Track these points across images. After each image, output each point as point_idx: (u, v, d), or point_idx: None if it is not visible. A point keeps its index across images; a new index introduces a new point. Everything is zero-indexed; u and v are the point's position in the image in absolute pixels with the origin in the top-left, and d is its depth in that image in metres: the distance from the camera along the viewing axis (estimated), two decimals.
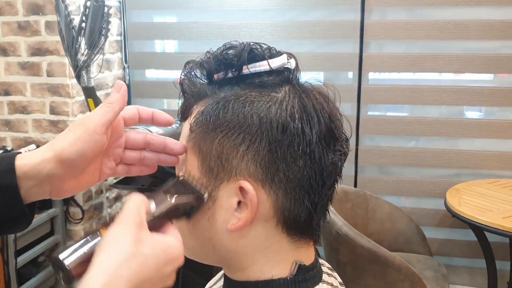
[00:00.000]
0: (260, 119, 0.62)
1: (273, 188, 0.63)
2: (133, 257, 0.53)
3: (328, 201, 0.68)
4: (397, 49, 2.84)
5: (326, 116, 0.64)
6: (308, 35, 2.92)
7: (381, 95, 2.88)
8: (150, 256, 0.55)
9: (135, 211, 0.57)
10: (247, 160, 0.62)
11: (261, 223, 0.65)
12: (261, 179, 0.63)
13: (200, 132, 0.65)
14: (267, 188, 0.63)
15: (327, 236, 2.26)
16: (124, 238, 0.54)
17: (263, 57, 0.66)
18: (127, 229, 0.55)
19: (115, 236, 0.55)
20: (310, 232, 0.68)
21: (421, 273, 2.36)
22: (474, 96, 2.78)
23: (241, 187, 0.62)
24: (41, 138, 2.76)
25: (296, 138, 0.62)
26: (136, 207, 0.57)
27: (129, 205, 0.57)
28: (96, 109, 0.65)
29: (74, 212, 2.82)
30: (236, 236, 0.65)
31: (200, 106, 0.67)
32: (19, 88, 2.74)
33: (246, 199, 0.63)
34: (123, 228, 0.55)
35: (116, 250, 0.53)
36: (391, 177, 2.96)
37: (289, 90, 0.65)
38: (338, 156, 0.66)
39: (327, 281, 0.73)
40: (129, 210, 0.57)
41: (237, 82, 0.66)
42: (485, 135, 2.80)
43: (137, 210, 0.57)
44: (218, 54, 0.67)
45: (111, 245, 0.54)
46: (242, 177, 0.63)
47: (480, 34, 2.69)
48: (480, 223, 2.23)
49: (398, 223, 2.70)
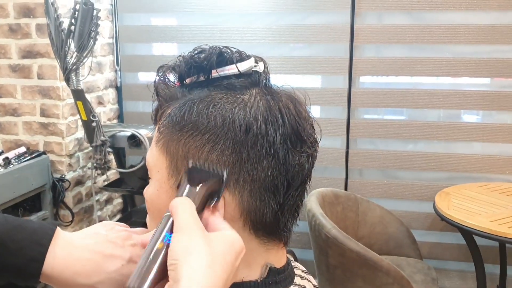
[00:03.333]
0: (223, 119, 0.63)
1: (237, 188, 0.63)
2: (214, 261, 0.53)
3: (296, 203, 0.68)
4: (388, 53, 2.85)
5: (292, 117, 0.65)
6: (299, 38, 2.93)
7: (371, 99, 2.88)
8: (226, 256, 0.55)
9: (192, 217, 0.56)
10: (211, 161, 0.63)
11: (228, 224, 0.65)
12: (226, 178, 0.63)
13: (168, 134, 0.66)
14: (231, 188, 0.63)
15: (316, 240, 2.26)
16: (197, 245, 0.53)
17: (232, 60, 0.66)
18: (195, 236, 0.54)
19: (189, 245, 0.54)
20: (278, 234, 0.68)
21: (411, 276, 2.37)
22: (469, 100, 2.79)
23: None
24: (31, 140, 2.75)
25: (260, 139, 0.63)
26: (190, 211, 0.57)
27: (182, 210, 0.57)
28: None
29: (64, 215, 2.82)
30: None
31: (169, 109, 0.68)
32: (9, 91, 2.74)
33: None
34: (192, 235, 0.54)
35: (198, 258, 0.52)
36: (382, 180, 2.97)
37: (256, 93, 0.66)
38: (305, 158, 0.66)
39: (299, 284, 0.73)
40: (185, 215, 0.56)
41: (207, 84, 0.67)
42: (478, 139, 2.81)
43: (193, 214, 0.57)
44: (189, 58, 0.68)
45: (190, 255, 0.53)
46: None
47: (470, 38, 2.70)
48: (469, 227, 2.23)
49: (389, 226, 2.71)
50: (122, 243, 0.65)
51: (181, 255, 0.53)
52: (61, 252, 0.63)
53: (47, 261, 0.62)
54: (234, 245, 0.57)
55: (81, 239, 0.66)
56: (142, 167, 2.61)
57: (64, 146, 2.73)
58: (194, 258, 0.52)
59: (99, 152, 2.54)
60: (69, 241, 0.65)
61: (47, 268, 0.62)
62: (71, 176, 2.81)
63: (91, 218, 3.00)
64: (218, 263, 0.54)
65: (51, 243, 0.63)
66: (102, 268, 0.63)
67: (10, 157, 2.52)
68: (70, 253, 0.64)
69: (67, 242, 0.64)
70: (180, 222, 0.56)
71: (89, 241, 0.65)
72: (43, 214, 2.68)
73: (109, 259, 0.64)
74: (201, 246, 0.54)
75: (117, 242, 0.65)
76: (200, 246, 0.54)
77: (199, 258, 0.53)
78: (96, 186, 2.92)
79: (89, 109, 2.45)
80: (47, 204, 2.70)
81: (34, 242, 0.62)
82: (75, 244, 0.65)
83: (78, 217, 2.87)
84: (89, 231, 0.68)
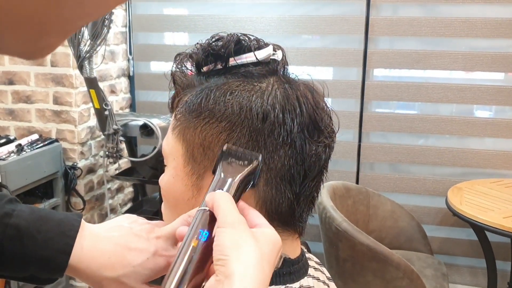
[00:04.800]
0: (240, 107, 0.62)
1: None
2: (262, 259, 0.52)
3: (312, 194, 0.68)
4: (402, 46, 2.82)
5: (310, 107, 0.64)
6: (313, 30, 2.91)
7: (385, 92, 2.86)
8: (270, 254, 0.54)
9: (236, 211, 0.55)
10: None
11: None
12: None
13: (184, 121, 0.66)
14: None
15: (327, 232, 2.25)
16: (247, 241, 0.52)
17: (250, 48, 0.66)
18: (243, 232, 0.53)
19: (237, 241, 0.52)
20: (293, 224, 0.68)
21: (421, 271, 2.35)
22: (484, 95, 2.75)
23: None
24: (44, 128, 2.77)
25: (277, 127, 0.62)
26: (233, 206, 0.56)
27: (226, 205, 0.55)
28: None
29: (76, 202, 2.83)
30: None
31: (186, 96, 0.67)
32: (23, 78, 2.75)
33: None
34: (238, 231, 0.53)
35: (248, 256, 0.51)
36: (394, 174, 2.95)
37: (274, 81, 0.65)
38: (322, 148, 0.66)
39: (313, 275, 0.73)
40: (231, 210, 0.55)
41: (224, 72, 0.67)
42: (492, 134, 2.78)
43: (235, 208, 0.56)
44: (206, 45, 0.68)
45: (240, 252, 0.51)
46: None
47: (487, 32, 2.67)
48: (481, 223, 2.22)
49: (400, 220, 2.69)
50: (147, 236, 0.64)
51: (231, 251, 0.51)
52: (88, 244, 0.62)
53: (74, 252, 0.61)
54: (276, 244, 0.56)
55: (106, 231, 0.65)
56: (154, 157, 2.62)
57: (77, 134, 2.74)
58: (246, 254, 0.51)
59: (111, 141, 2.54)
60: (95, 233, 0.64)
61: (74, 260, 0.61)
62: (83, 164, 2.82)
63: (103, 206, 3.02)
64: (266, 261, 0.53)
65: (77, 234, 0.62)
66: (127, 261, 0.62)
67: (23, 144, 2.54)
68: (95, 245, 0.63)
69: (93, 234, 0.64)
70: (226, 217, 0.54)
71: (114, 234, 0.65)
72: (55, 201, 2.70)
73: (134, 252, 0.63)
74: (251, 242, 0.52)
75: (142, 235, 0.64)
76: (250, 242, 0.52)
77: (251, 254, 0.51)
78: (108, 174, 2.93)
79: (102, 98, 2.45)
80: (59, 192, 2.71)
81: (61, 233, 0.62)
82: (100, 236, 0.64)
83: (90, 205, 2.89)
84: (112, 224, 0.67)
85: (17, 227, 0.61)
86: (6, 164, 2.32)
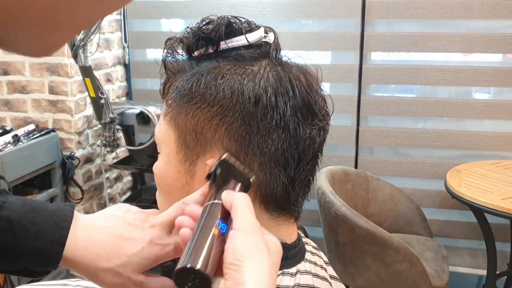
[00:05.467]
0: (232, 91, 0.61)
1: (247, 162, 0.62)
2: (272, 268, 0.52)
3: (307, 178, 0.67)
4: (400, 29, 2.80)
5: (303, 89, 0.63)
6: (310, 14, 2.88)
7: (383, 76, 2.84)
8: (278, 263, 0.53)
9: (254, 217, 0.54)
10: (220, 133, 0.62)
11: None
12: (235, 152, 0.62)
13: (176, 107, 0.65)
14: (241, 161, 0.62)
15: (326, 217, 2.25)
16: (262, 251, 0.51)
17: (241, 31, 0.64)
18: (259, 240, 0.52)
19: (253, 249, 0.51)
20: (288, 209, 0.67)
21: (421, 254, 2.36)
22: (482, 76, 2.73)
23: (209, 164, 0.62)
24: (40, 118, 2.75)
25: (269, 111, 0.61)
26: (252, 211, 0.55)
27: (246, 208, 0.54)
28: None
29: (74, 192, 2.83)
30: None
31: (177, 82, 0.66)
32: (18, 68, 2.73)
33: None
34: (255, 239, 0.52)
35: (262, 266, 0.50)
36: (392, 158, 2.94)
37: (266, 64, 0.64)
38: (316, 131, 0.65)
39: (310, 260, 0.72)
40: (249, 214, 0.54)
41: (216, 56, 0.66)
42: (491, 116, 2.77)
43: (254, 214, 0.55)
44: (197, 29, 0.67)
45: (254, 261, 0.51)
46: (216, 150, 0.62)
47: (484, 13, 2.64)
48: (480, 204, 2.21)
49: (399, 204, 2.69)
50: (142, 225, 0.63)
51: (247, 258, 0.50)
52: (82, 235, 0.62)
53: (69, 244, 0.60)
54: (281, 253, 0.55)
55: (100, 221, 0.64)
56: (151, 145, 2.61)
57: (73, 124, 2.73)
58: (261, 264, 0.50)
59: (108, 130, 2.53)
60: (89, 224, 0.63)
61: (68, 251, 0.60)
62: (81, 153, 2.81)
63: (101, 195, 3.01)
64: (275, 271, 0.52)
65: (71, 225, 0.61)
66: (122, 251, 0.61)
67: (19, 135, 2.52)
68: (90, 236, 0.62)
69: (87, 224, 0.63)
70: (244, 220, 0.53)
71: (108, 223, 0.64)
72: (53, 191, 2.69)
73: (129, 242, 0.62)
74: (266, 252, 0.52)
75: (137, 224, 0.63)
76: (264, 252, 0.51)
77: (264, 264, 0.51)
78: (106, 163, 2.92)
79: (97, 86, 2.43)
80: (57, 182, 2.71)
81: (54, 224, 0.61)
82: (94, 226, 0.63)
83: (88, 194, 2.88)
84: (106, 213, 0.66)
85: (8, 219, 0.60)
86: (3, 155, 2.31)
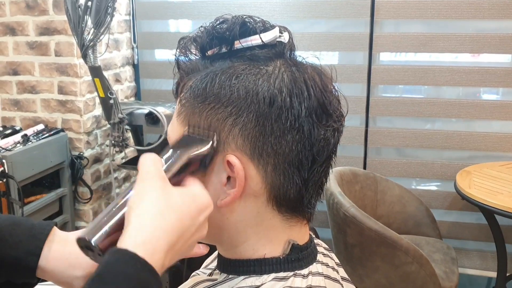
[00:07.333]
0: (247, 91, 0.61)
1: (261, 163, 0.62)
2: (167, 209, 0.53)
3: (320, 179, 0.66)
4: (409, 29, 2.78)
5: (318, 90, 0.63)
6: (318, 14, 2.87)
7: (392, 76, 2.83)
8: (182, 206, 0.55)
9: (154, 167, 0.56)
10: (234, 134, 0.61)
11: (251, 199, 0.63)
12: (249, 153, 0.61)
13: (189, 106, 0.65)
14: (255, 162, 0.62)
15: (334, 218, 2.24)
16: (153, 192, 0.53)
17: (255, 30, 0.64)
18: (153, 184, 0.54)
19: (143, 192, 0.54)
20: (301, 210, 0.67)
21: (430, 256, 2.34)
22: (491, 77, 2.72)
23: (228, 161, 0.61)
24: (49, 118, 2.76)
25: (284, 112, 0.61)
26: (153, 163, 0.57)
27: (145, 163, 0.57)
28: None
29: (83, 192, 2.83)
30: (226, 212, 0.64)
31: (191, 81, 0.66)
32: (27, 68, 2.74)
33: (234, 173, 0.61)
34: (148, 184, 0.54)
35: (148, 205, 0.52)
36: (401, 159, 2.93)
37: (281, 64, 0.64)
38: (330, 132, 0.64)
39: (322, 261, 0.72)
40: (147, 166, 0.56)
41: (229, 56, 0.65)
42: (500, 117, 2.75)
43: (155, 166, 0.57)
44: (211, 28, 0.66)
45: (142, 202, 0.53)
46: (230, 151, 0.62)
47: (495, 13, 2.63)
48: (490, 206, 2.20)
49: (408, 205, 2.68)
50: None
51: (134, 202, 0.53)
52: (56, 246, 0.65)
53: (43, 254, 0.64)
54: (196, 199, 0.57)
55: (74, 234, 0.66)
56: (160, 145, 2.61)
57: (82, 124, 2.73)
58: (145, 204, 0.52)
59: (117, 130, 2.53)
60: (64, 237, 0.66)
61: (43, 261, 0.63)
62: (89, 153, 2.82)
63: (110, 195, 3.02)
64: (172, 212, 0.53)
65: (47, 238, 0.65)
66: None
67: (28, 134, 2.53)
68: (63, 247, 0.65)
69: (62, 237, 0.66)
70: (141, 173, 0.56)
71: None
72: (62, 191, 2.70)
73: None
74: (154, 194, 0.53)
75: None
76: (153, 193, 0.53)
77: (150, 204, 0.52)
78: (114, 163, 2.93)
79: (107, 86, 2.44)
80: (66, 181, 2.72)
81: (31, 236, 0.64)
82: (69, 238, 0.66)
83: (97, 194, 2.89)
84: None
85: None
86: (12, 155, 2.32)
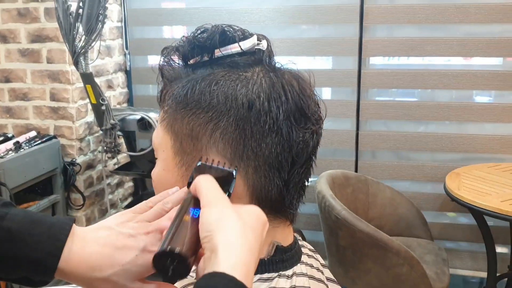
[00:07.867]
0: (226, 97, 0.63)
1: (242, 166, 0.64)
2: (245, 229, 0.54)
3: (301, 180, 0.68)
4: (398, 33, 2.81)
5: (296, 94, 0.65)
6: (309, 20, 2.90)
7: (382, 80, 2.86)
8: (253, 223, 0.56)
9: (218, 190, 0.58)
10: (215, 138, 0.64)
11: (235, 201, 0.65)
12: (230, 156, 0.64)
13: (172, 113, 0.67)
14: (236, 165, 0.64)
15: (326, 221, 2.26)
16: (229, 215, 0.54)
17: (234, 39, 0.67)
18: (225, 207, 0.56)
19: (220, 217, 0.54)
20: (284, 211, 0.69)
21: (422, 257, 2.36)
22: (482, 80, 2.74)
23: None
24: (42, 124, 2.77)
25: (263, 115, 0.63)
26: (215, 186, 0.58)
27: (207, 186, 0.58)
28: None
29: (75, 199, 2.84)
30: None
31: (174, 89, 0.68)
32: (19, 75, 2.75)
33: None
34: (220, 208, 0.56)
35: (231, 228, 0.53)
36: (392, 162, 2.95)
37: (259, 70, 0.66)
38: (309, 135, 0.66)
39: (306, 262, 0.73)
40: (211, 190, 0.58)
41: (210, 64, 0.68)
42: (490, 119, 2.78)
43: (218, 188, 0.58)
44: (192, 38, 0.69)
45: (222, 226, 0.53)
46: (212, 155, 0.64)
47: (481, 17, 2.66)
48: (479, 207, 2.22)
49: (399, 207, 2.70)
50: (135, 232, 0.64)
51: (215, 226, 0.53)
52: (75, 247, 0.63)
53: (63, 256, 0.62)
54: (260, 216, 0.58)
55: (93, 232, 0.65)
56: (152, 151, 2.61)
57: (75, 130, 2.74)
58: (228, 227, 0.53)
59: (109, 136, 2.55)
60: (82, 236, 0.64)
61: (63, 263, 0.62)
62: (82, 160, 2.83)
63: (103, 201, 3.03)
64: (250, 231, 0.54)
65: (67, 238, 0.63)
66: (115, 260, 0.62)
67: (21, 142, 2.54)
68: (83, 248, 0.63)
69: (80, 237, 0.64)
70: (208, 197, 0.57)
71: (100, 234, 0.65)
72: (55, 197, 2.71)
73: (121, 251, 0.62)
74: (233, 216, 0.54)
75: (129, 232, 0.64)
76: (231, 216, 0.54)
77: (233, 227, 0.53)
78: (107, 169, 2.94)
79: (99, 93, 2.45)
80: (59, 188, 2.72)
81: (51, 236, 0.63)
82: (87, 238, 0.64)
83: (90, 200, 2.90)
84: (102, 224, 0.67)
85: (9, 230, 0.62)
86: (4, 162, 2.33)
